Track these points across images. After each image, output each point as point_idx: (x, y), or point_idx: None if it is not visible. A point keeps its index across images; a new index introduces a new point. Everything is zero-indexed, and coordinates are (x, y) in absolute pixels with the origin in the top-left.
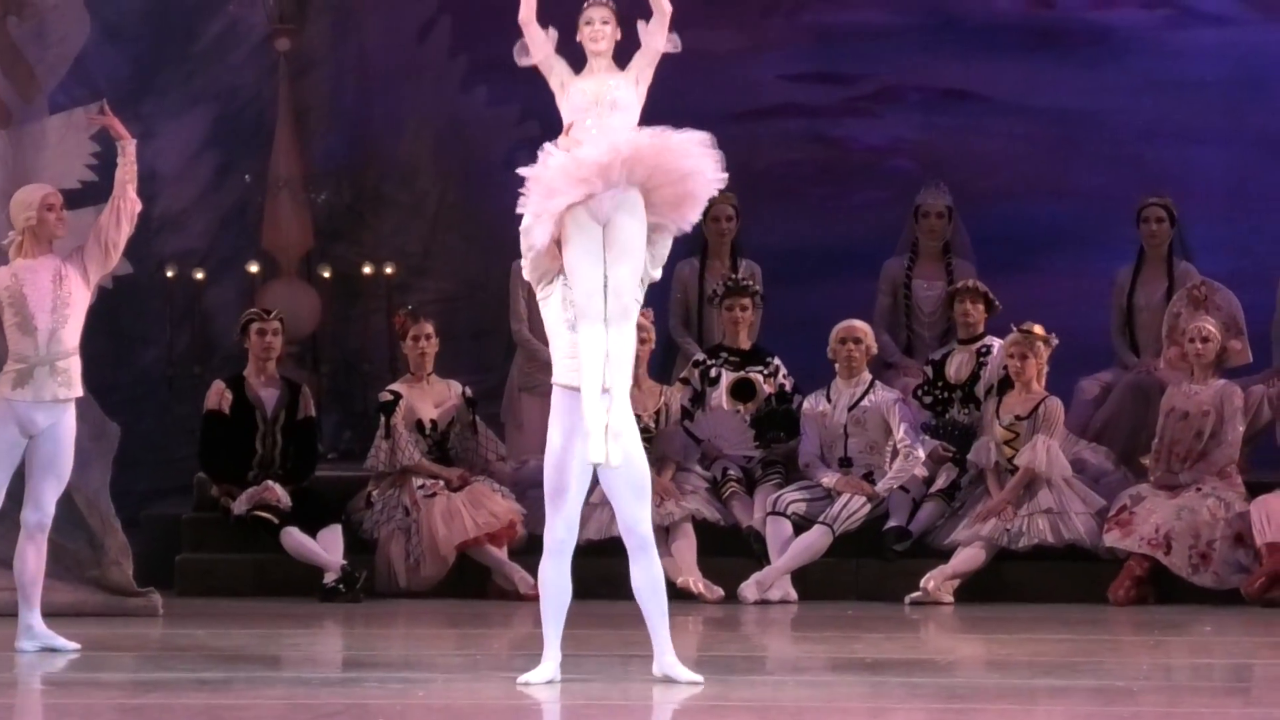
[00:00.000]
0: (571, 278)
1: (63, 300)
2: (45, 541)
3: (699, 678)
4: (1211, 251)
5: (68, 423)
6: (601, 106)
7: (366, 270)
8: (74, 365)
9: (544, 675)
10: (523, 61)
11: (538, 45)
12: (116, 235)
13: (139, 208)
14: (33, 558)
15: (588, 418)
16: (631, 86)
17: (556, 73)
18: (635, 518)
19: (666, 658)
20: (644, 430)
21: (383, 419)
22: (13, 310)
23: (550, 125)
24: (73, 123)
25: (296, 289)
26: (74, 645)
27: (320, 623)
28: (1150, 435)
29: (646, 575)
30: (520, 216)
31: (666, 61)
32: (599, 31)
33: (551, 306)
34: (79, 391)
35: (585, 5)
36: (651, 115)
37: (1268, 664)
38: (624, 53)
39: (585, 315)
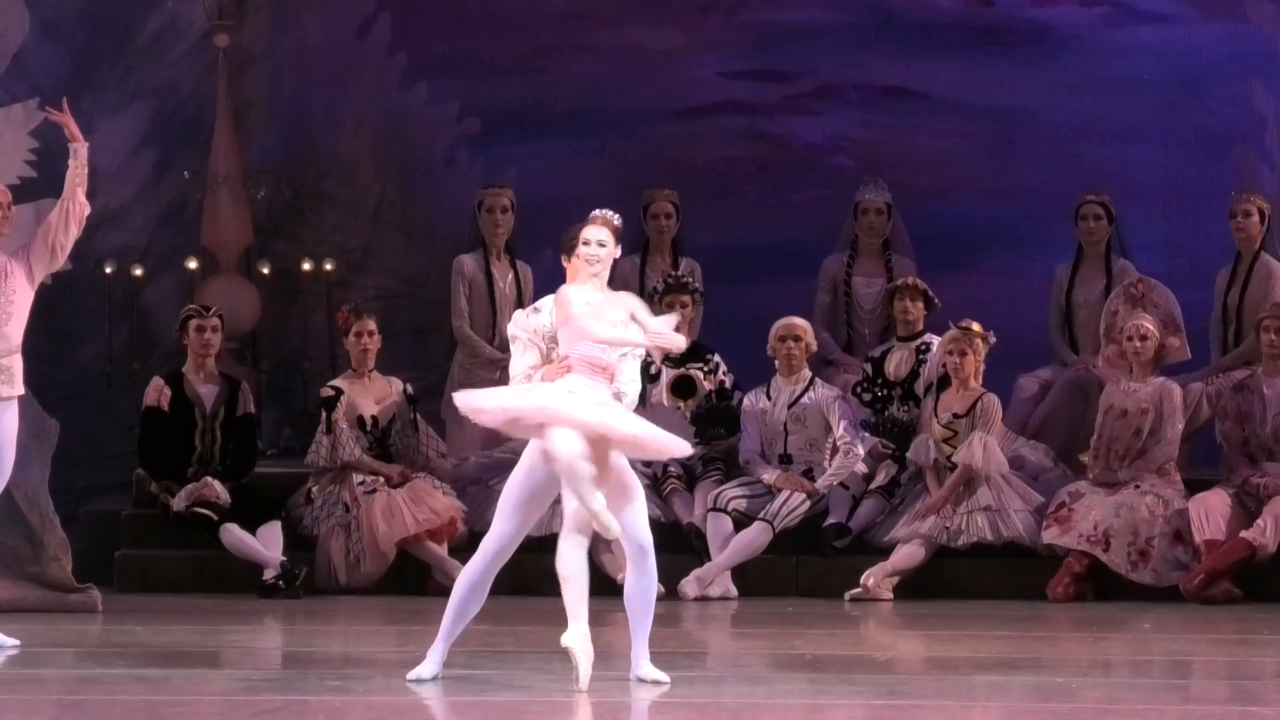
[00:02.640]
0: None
1: (6, 298)
2: None
3: (666, 677)
4: (1149, 249)
5: (9, 420)
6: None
7: (306, 267)
8: (16, 363)
9: (428, 672)
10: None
11: (536, 343)
12: (64, 237)
13: (88, 210)
14: None
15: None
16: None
17: (550, 321)
18: (633, 524)
19: (642, 662)
20: None
21: (324, 414)
22: None
23: (490, 122)
24: (11, 119)
25: (236, 286)
26: (13, 641)
27: (260, 619)
28: (1089, 432)
29: (639, 584)
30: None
31: (607, 59)
32: (595, 254)
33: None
34: (20, 389)
35: (589, 219)
36: (592, 113)
37: (1206, 661)
38: None
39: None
